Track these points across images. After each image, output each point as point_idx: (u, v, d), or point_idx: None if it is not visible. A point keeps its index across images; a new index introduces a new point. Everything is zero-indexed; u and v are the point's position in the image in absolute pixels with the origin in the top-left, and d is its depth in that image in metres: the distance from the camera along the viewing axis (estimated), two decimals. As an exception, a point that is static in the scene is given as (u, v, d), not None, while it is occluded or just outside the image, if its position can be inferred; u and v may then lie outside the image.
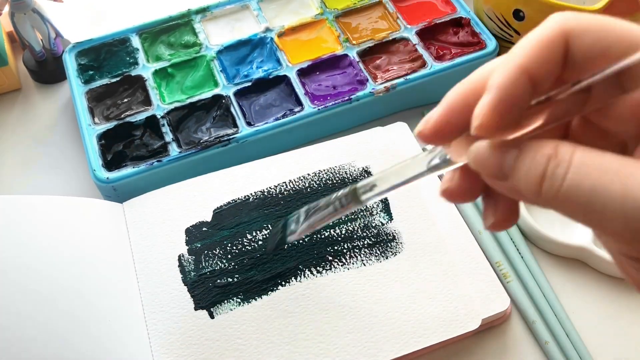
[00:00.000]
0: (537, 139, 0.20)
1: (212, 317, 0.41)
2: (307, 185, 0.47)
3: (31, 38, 0.57)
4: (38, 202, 0.44)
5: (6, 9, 0.55)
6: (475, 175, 0.22)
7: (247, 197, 0.46)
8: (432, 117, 0.22)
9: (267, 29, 0.57)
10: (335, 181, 0.47)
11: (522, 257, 0.45)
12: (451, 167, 0.23)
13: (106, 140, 0.50)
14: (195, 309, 0.41)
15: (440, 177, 0.47)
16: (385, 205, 0.46)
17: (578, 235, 0.46)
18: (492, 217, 0.23)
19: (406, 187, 0.36)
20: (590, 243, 0.45)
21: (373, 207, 0.45)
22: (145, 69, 0.55)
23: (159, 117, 0.52)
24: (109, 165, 0.49)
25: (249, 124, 0.51)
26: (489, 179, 0.21)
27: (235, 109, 0.52)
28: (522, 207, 0.47)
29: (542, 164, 0.20)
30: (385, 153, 0.48)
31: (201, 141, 0.50)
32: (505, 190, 0.21)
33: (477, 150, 0.21)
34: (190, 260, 0.43)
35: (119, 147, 0.50)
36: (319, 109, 0.51)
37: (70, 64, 0.55)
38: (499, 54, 0.55)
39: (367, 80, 0.53)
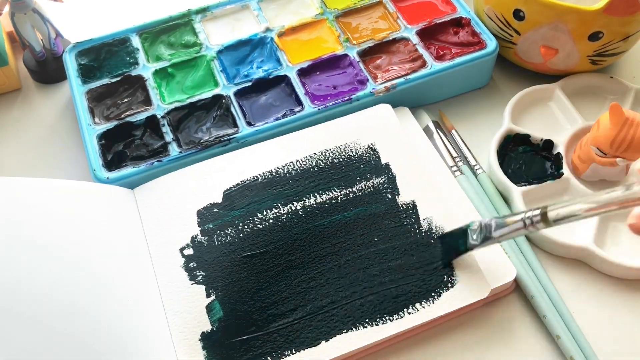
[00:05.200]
0: None
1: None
2: (314, 164, 0.48)
3: (31, 38, 0.57)
4: (48, 186, 0.45)
5: (6, 9, 0.55)
6: None
7: (255, 177, 0.47)
8: None
9: (267, 29, 0.57)
10: (341, 159, 0.48)
11: (525, 259, 0.45)
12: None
13: (106, 140, 0.50)
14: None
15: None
16: (392, 182, 0.47)
17: (579, 236, 0.45)
18: None
19: (414, 164, 0.46)
20: (592, 244, 0.44)
21: (380, 184, 0.46)
22: (146, 69, 0.55)
23: (159, 117, 0.52)
24: (109, 165, 0.49)
25: (249, 124, 0.51)
26: None
27: (235, 109, 0.52)
28: (523, 207, 0.46)
29: None
30: (388, 130, 0.49)
31: (201, 141, 0.50)
32: None
33: None
34: (203, 240, 0.44)
35: (119, 147, 0.50)
36: (319, 109, 0.51)
37: (70, 64, 0.55)
38: (499, 54, 0.55)
39: (368, 80, 0.53)
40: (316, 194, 0.46)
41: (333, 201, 0.46)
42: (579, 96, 0.54)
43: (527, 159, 0.50)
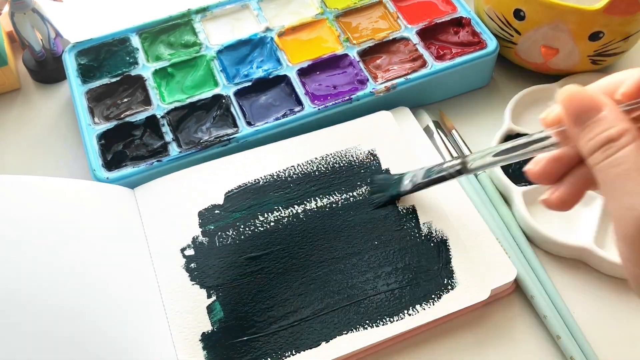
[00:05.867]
0: (622, 114, 0.26)
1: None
2: (315, 168, 0.48)
3: (31, 38, 0.57)
4: (49, 184, 0.45)
5: (6, 8, 0.55)
6: (559, 164, 0.29)
7: (257, 180, 0.47)
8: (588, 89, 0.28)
9: (267, 29, 0.57)
10: (342, 164, 0.48)
11: (525, 259, 0.45)
12: (551, 151, 0.29)
13: (106, 140, 0.50)
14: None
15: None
16: None
17: (579, 235, 0.45)
18: (550, 194, 0.29)
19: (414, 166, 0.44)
20: (592, 244, 0.44)
21: None
22: (145, 68, 0.55)
23: (159, 117, 0.51)
24: (109, 165, 0.49)
25: (249, 123, 0.51)
26: (567, 118, 0.27)
27: (235, 109, 0.52)
28: (524, 207, 0.46)
29: (602, 140, 0.25)
30: (389, 136, 0.50)
31: (201, 141, 0.50)
32: (572, 138, 0.27)
33: (576, 90, 0.27)
34: (204, 241, 0.44)
35: (118, 147, 0.50)
36: (319, 109, 0.51)
37: (70, 63, 0.55)
38: (499, 54, 0.55)
39: (368, 80, 0.53)
40: (317, 198, 0.46)
41: (334, 205, 0.46)
42: (579, 96, 0.54)
43: (527, 158, 0.50)
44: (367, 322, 0.41)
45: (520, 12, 0.51)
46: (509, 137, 0.51)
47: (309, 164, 0.48)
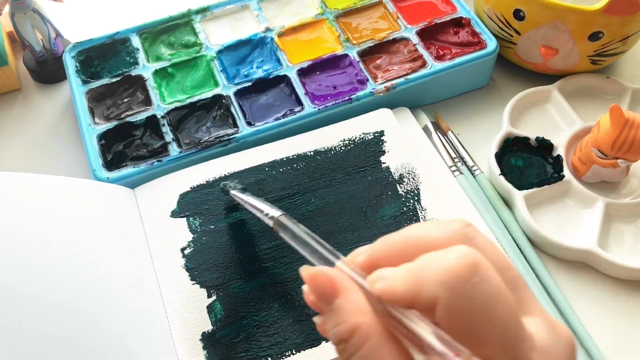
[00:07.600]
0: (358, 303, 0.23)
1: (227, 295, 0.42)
2: (318, 163, 0.48)
3: (31, 38, 0.57)
4: (50, 182, 0.45)
5: (6, 8, 0.55)
6: None
7: (257, 179, 0.47)
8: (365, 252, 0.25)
9: (267, 29, 0.57)
10: (344, 156, 0.49)
11: (528, 262, 0.45)
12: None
13: (106, 140, 0.50)
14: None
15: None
16: (392, 186, 0.47)
17: (582, 238, 0.45)
18: (319, 320, 0.24)
19: (418, 171, 0.45)
20: (596, 246, 0.44)
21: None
22: (146, 68, 0.55)
23: (159, 117, 0.51)
24: (109, 165, 0.49)
25: (249, 123, 0.51)
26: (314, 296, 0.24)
27: (235, 109, 0.52)
28: (526, 211, 0.46)
29: (335, 337, 0.22)
30: (392, 134, 0.50)
31: (201, 141, 0.50)
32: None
33: (314, 272, 0.24)
34: (204, 241, 0.44)
35: (119, 147, 0.50)
36: (319, 109, 0.51)
37: (70, 63, 0.55)
38: (499, 54, 0.55)
39: (368, 80, 0.53)
40: (318, 195, 0.46)
41: (336, 206, 0.46)
42: (576, 97, 0.54)
43: (527, 161, 0.50)
44: None
45: (520, 12, 0.51)
46: (507, 140, 0.50)
47: (310, 158, 0.48)
